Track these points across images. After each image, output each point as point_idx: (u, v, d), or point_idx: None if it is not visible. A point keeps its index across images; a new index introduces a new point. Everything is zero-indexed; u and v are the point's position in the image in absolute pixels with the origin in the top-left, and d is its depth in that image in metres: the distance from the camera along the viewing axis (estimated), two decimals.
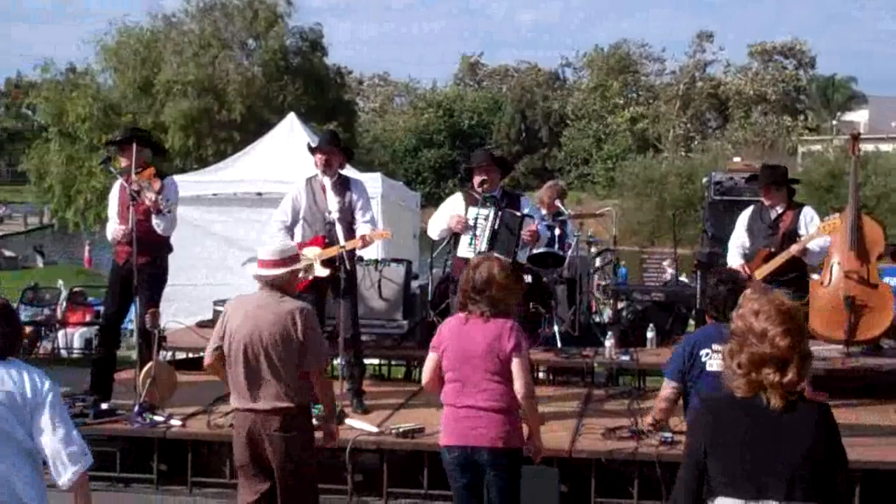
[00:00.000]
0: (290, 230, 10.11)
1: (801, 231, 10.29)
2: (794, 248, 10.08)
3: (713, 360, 6.71)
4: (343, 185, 10.08)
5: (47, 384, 5.07)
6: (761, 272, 10.06)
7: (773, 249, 10.23)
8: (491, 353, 6.54)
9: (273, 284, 6.91)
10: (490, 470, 6.66)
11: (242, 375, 6.87)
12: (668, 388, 7.28)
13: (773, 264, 10.13)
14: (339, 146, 10.28)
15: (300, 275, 8.60)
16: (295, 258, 7.07)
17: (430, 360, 6.87)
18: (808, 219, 10.37)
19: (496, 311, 6.62)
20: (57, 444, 5.04)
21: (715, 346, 6.66)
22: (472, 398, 6.59)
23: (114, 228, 10.00)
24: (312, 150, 10.24)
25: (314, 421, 7.22)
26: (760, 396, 4.31)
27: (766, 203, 10.44)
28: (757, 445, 4.29)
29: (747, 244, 10.51)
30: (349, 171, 10.62)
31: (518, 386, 6.53)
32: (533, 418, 6.78)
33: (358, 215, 9.97)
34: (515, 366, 6.53)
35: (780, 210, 10.40)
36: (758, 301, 4.44)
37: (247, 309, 6.93)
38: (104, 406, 9.77)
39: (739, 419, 4.36)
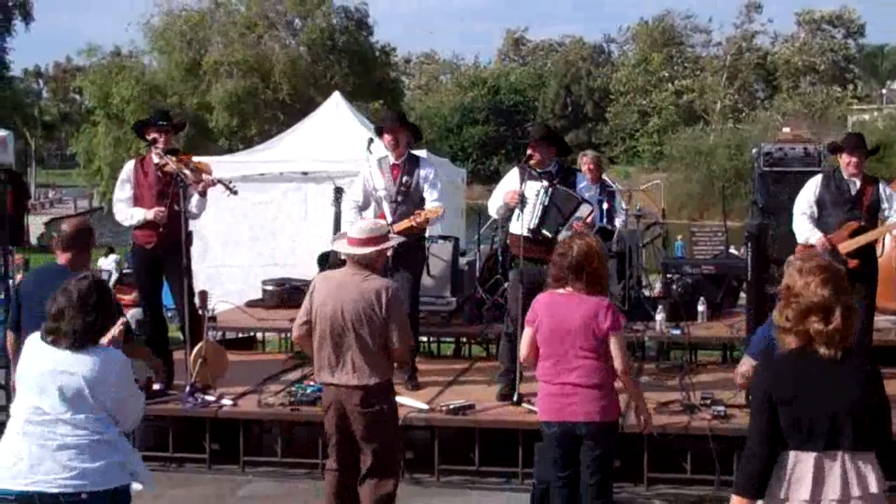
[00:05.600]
0: (362, 210, 10.18)
1: (884, 206, 9.80)
2: (893, 225, 9.68)
3: None
4: (412, 164, 10.15)
5: (118, 364, 5.28)
6: (847, 246, 9.57)
7: (862, 223, 9.70)
8: (587, 331, 6.57)
9: (360, 262, 6.95)
10: (588, 441, 6.68)
11: (327, 351, 6.95)
12: (745, 364, 7.16)
13: (866, 239, 9.65)
14: (407, 126, 10.33)
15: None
16: (384, 237, 7.10)
17: (527, 334, 6.91)
18: (888, 194, 9.87)
19: (593, 288, 6.65)
20: (124, 410, 5.31)
21: None
22: (567, 375, 6.63)
23: (136, 210, 9.85)
24: (379, 131, 10.33)
25: None
26: (813, 348, 4.50)
27: (851, 171, 9.81)
28: (816, 397, 4.44)
29: (816, 215, 9.91)
30: None
31: (617, 363, 6.60)
32: (634, 392, 6.96)
33: (427, 194, 10.03)
34: (613, 344, 6.59)
35: (858, 182, 9.84)
36: (801, 261, 4.71)
37: (331, 286, 7.00)
38: (156, 387, 9.81)
39: (796, 372, 4.52)
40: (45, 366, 5.16)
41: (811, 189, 10.05)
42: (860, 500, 4.43)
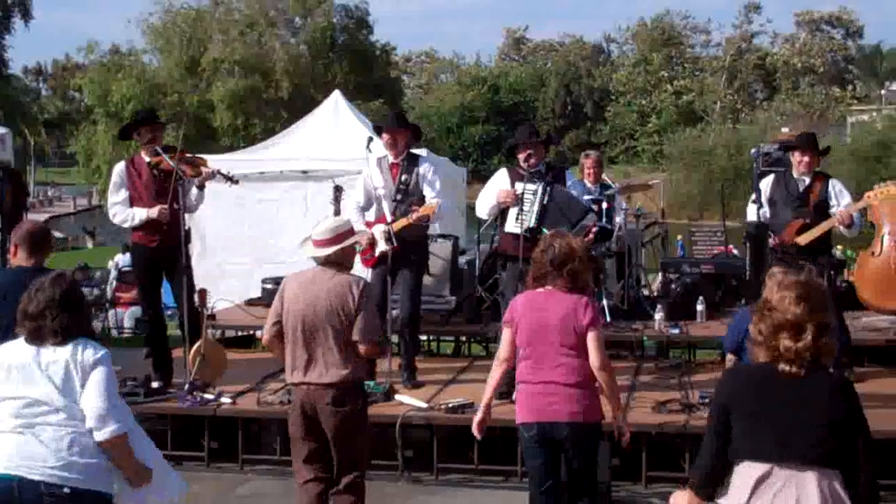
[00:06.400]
0: (364, 210, 10.22)
1: (832, 202, 9.86)
2: (836, 219, 9.73)
3: None
4: (411, 162, 10.16)
5: (98, 356, 5.17)
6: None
7: (807, 220, 9.78)
8: (566, 328, 6.49)
9: (329, 262, 6.90)
10: (569, 444, 6.57)
11: (298, 350, 6.86)
12: (728, 361, 7.22)
13: (811, 235, 9.70)
14: (406, 125, 10.34)
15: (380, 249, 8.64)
16: (348, 233, 7.02)
17: (505, 335, 6.82)
18: (838, 190, 9.94)
19: (574, 286, 6.59)
20: (94, 404, 5.09)
21: None
22: (548, 374, 6.53)
23: (137, 210, 9.80)
24: (378, 131, 10.36)
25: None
26: (780, 363, 4.47)
27: (801, 170, 9.94)
28: (777, 410, 4.43)
29: (768, 215, 9.98)
30: None
31: (593, 359, 6.49)
32: (611, 391, 6.65)
33: (426, 192, 10.04)
34: (591, 339, 6.49)
35: (807, 181, 9.96)
36: (782, 274, 4.74)
37: (302, 284, 6.94)
38: (155, 385, 9.82)
39: (761, 385, 4.52)
40: (28, 359, 5.11)
41: (763, 190, 10.15)
42: None
